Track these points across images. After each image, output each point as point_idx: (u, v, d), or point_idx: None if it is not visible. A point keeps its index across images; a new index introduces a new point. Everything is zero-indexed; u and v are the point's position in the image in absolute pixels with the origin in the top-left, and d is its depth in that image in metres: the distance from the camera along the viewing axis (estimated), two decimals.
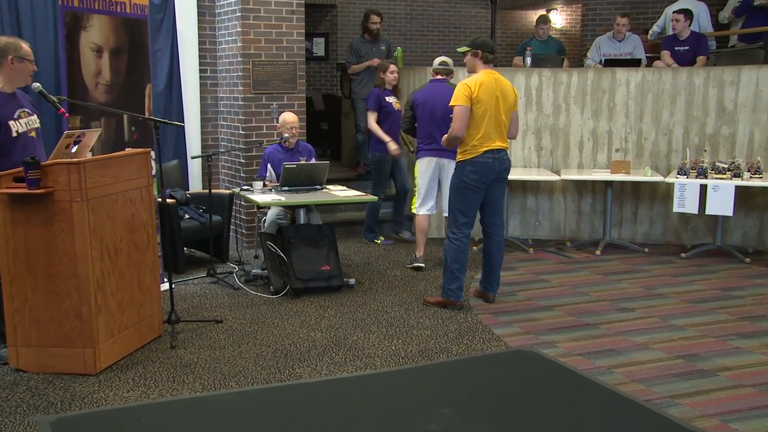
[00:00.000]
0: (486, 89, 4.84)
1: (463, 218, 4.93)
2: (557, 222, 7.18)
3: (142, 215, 4.24)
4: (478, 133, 4.85)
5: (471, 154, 4.87)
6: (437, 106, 6.02)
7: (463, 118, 4.81)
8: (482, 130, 4.84)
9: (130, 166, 4.17)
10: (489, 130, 4.86)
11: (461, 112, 4.82)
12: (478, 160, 4.85)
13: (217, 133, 7.21)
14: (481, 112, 4.84)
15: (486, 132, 4.85)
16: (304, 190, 5.61)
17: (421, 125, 6.07)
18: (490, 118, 4.86)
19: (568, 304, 5.18)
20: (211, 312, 4.96)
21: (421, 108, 6.06)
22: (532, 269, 6.11)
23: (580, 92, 6.96)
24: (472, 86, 4.83)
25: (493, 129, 4.88)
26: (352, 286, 5.53)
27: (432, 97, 6.07)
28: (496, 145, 4.88)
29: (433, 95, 6.08)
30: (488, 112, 4.85)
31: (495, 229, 5.06)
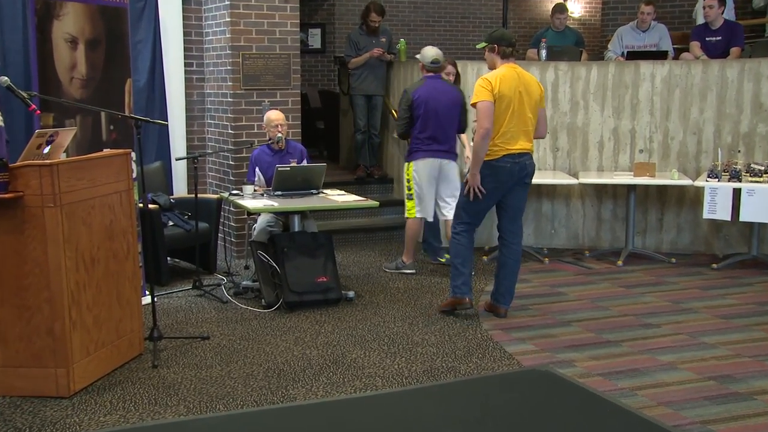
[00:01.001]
0: (508, 84, 4.84)
1: (467, 218, 5.03)
2: (575, 230, 7.16)
3: (121, 222, 4.23)
4: (498, 133, 4.85)
5: (489, 156, 4.86)
6: (441, 104, 6.05)
7: (488, 113, 4.79)
8: (503, 129, 4.85)
9: (108, 168, 4.16)
10: (512, 129, 4.87)
11: (486, 108, 4.79)
12: (496, 164, 4.86)
13: (204, 133, 7.21)
14: (502, 109, 4.83)
15: (508, 131, 4.85)
16: (298, 195, 5.60)
17: (423, 125, 6.07)
18: (513, 115, 4.86)
19: (588, 319, 5.17)
20: (197, 328, 4.95)
21: (424, 107, 6.05)
22: (547, 281, 6.10)
23: (600, 88, 6.96)
24: (493, 81, 4.84)
25: (516, 127, 4.88)
26: (351, 299, 5.52)
27: (435, 95, 6.07)
28: (518, 148, 4.89)
29: (435, 93, 6.08)
30: (511, 108, 4.85)
31: (511, 237, 5.06)
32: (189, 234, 5.99)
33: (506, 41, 4.96)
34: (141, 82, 6.53)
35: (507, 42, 4.96)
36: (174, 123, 6.89)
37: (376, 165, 8.02)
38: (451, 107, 6.10)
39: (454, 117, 6.10)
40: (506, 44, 4.96)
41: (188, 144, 7.09)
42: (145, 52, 6.56)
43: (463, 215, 5.04)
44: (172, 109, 6.86)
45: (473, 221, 5.05)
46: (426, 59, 6.16)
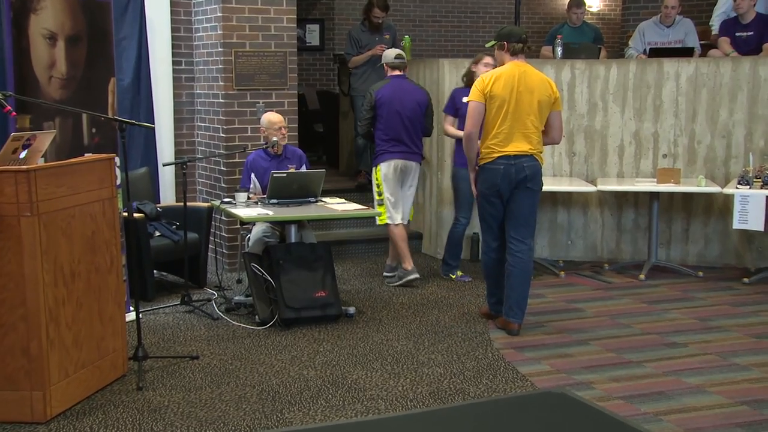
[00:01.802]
0: (504, 83, 4.92)
1: (486, 229, 5.22)
2: (593, 241, 7.15)
3: (104, 233, 4.23)
4: (491, 135, 4.96)
5: (484, 159, 5.02)
6: (405, 104, 6.24)
7: (473, 114, 4.95)
8: (495, 130, 4.94)
9: (90, 174, 4.16)
10: (505, 131, 4.94)
11: (472, 109, 4.97)
12: (490, 167, 4.98)
13: (194, 136, 7.21)
14: (495, 110, 4.94)
15: (500, 132, 4.94)
16: (295, 203, 5.60)
17: (386, 126, 6.24)
18: (508, 116, 4.93)
19: (607, 337, 5.15)
20: (186, 347, 4.94)
21: (387, 107, 6.22)
22: (563, 296, 6.09)
23: (621, 88, 6.96)
24: (487, 80, 4.95)
25: (513, 130, 4.94)
26: (352, 315, 5.51)
27: (398, 95, 6.25)
28: (514, 150, 4.95)
29: (399, 92, 6.26)
30: (505, 108, 4.92)
31: (517, 245, 5.09)
32: (177, 245, 5.99)
33: (515, 37, 5.03)
34: (125, 82, 6.53)
35: (516, 38, 5.03)
36: (161, 126, 6.90)
37: None
38: (414, 108, 6.29)
39: (418, 118, 6.30)
40: (516, 40, 5.03)
41: (176, 148, 7.10)
42: (130, 50, 6.57)
43: (482, 224, 5.23)
44: (159, 111, 6.87)
45: (492, 231, 5.17)
46: (388, 57, 6.41)
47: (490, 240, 5.19)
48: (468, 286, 6.28)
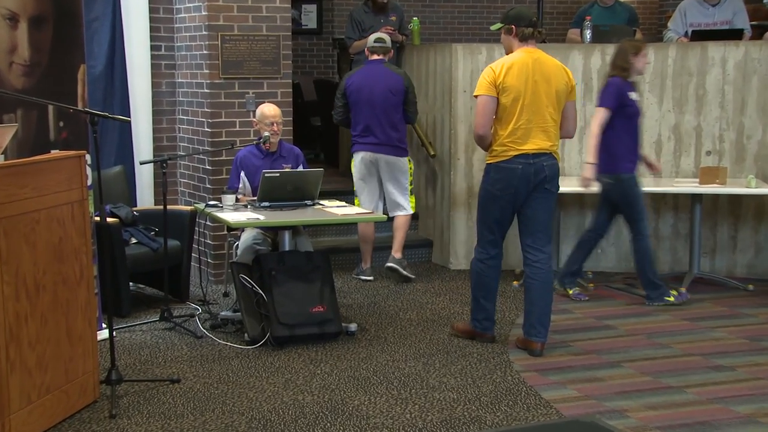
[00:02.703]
0: (518, 72, 4.94)
1: (488, 235, 5.16)
2: (626, 249, 7.11)
3: (73, 240, 4.22)
4: (507, 131, 4.97)
5: (497, 157, 5.01)
6: (375, 92, 6.55)
7: (485, 111, 4.97)
8: (512, 126, 4.96)
9: (57, 174, 4.15)
10: (523, 126, 4.96)
11: (483, 105, 4.97)
12: (505, 165, 4.99)
13: (175, 131, 7.21)
14: (510, 103, 4.95)
15: (518, 128, 4.96)
16: (289, 207, 5.59)
17: (356, 115, 6.66)
18: (526, 109, 4.95)
19: (643, 359, 5.13)
20: (166, 368, 4.93)
21: (355, 95, 6.58)
22: (592, 312, 6.07)
23: (658, 75, 6.94)
24: (498, 70, 4.95)
25: (531, 125, 4.97)
26: (353, 333, 5.50)
27: (368, 82, 6.57)
28: (533, 147, 4.98)
29: (370, 80, 6.58)
30: (522, 102, 4.94)
31: (534, 254, 5.11)
32: (156, 254, 5.98)
33: (525, 21, 5.05)
34: (97, 69, 6.54)
35: (526, 22, 5.05)
36: (138, 119, 6.90)
37: None
38: (387, 95, 6.56)
39: (393, 106, 6.57)
40: (525, 24, 5.05)
41: (155, 144, 7.09)
42: (103, 33, 6.58)
43: (482, 230, 5.18)
44: (135, 103, 6.87)
45: (495, 238, 5.15)
46: (369, 40, 6.73)
47: (489, 247, 5.17)
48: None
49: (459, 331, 5.44)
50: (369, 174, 6.72)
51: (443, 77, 7.17)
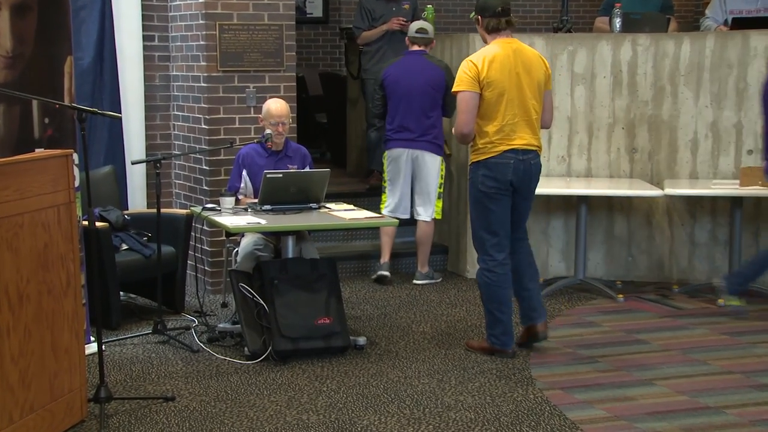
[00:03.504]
0: (500, 65, 5.07)
1: (491, 238, 5.23)
2: (659, 257, 7.10)
3: (59, 246, 4.22)
4: (494, 128, 5.10)
5: (485, 153, 5.14)
6: (413, 86, 6.70)
7: (468, 108, 5.09)
8: (499, 122, 5.09)
9: (41, 174, 4.16)
10: (511, 122, 5.11)
11: (465, 101, 5.09)
12: (495, 161, 5.11)
13: (169, 128, 7.22)
14: (495, 98, 5.08)
15: (506, 124, 5.10)
16: (293, 210, 5.59)
17: (392, 109, 6.77)
18: (511, 103, 5.10)
19: (677, 376, 5.11)
20: (159, 385, 4.93)
21: (392, 87, 6.74)
22: (622, 325, 6.06)
23: (695, 68, 6.92)
24: (479, 63, 5.06)
25: (517, 119, 5.12)
26: (362, 347, 5.50)
27: (407, 75, 6.73)
28: (522, 142, 5.15)
29: (408, 72, 6.73)
30: (507, 96, 5.08)
31: (520, 245, 5.38)
32: (149, 261, 5.98)
33: (490, 11, 5.16)
34: (85, 61, 6.55)
35: (491, 12, 5.15)
36: (129, 115, 6.92)
37: None
38: (426, 89, 6.71)
39: (431, 101, 6.73)
40: (490, 15, 5.15)
41: (148, 143, 7.11)
42: (91, 22, 6.59)
43: (484, 236, 5.24)
44: (126, 97, 6.88)
45: (499, 240, 5.22)
46: (411, 30, 6.87)
47: (495, 252, 5.22)
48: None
49: (475, 348, 5.45)
50: (400, 171, 6.87)
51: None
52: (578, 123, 7.03)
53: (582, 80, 6.99)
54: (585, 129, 7.03)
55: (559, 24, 7.54)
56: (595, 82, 6.99)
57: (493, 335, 5.30)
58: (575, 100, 7.01)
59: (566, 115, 7.01)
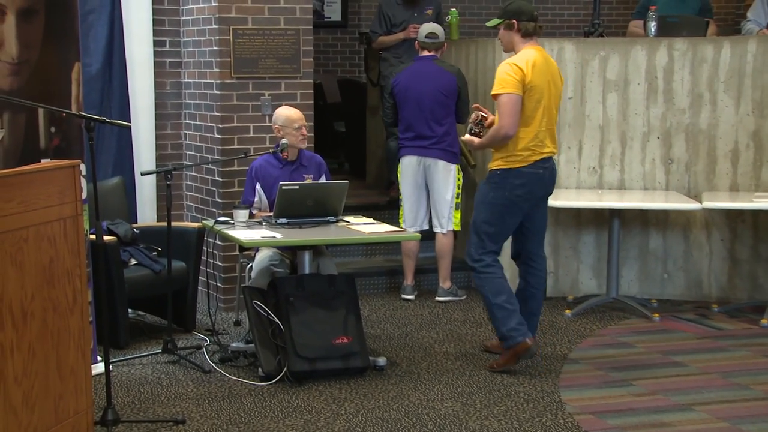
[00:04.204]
0: (540, 71, 5.29)
1: (493, 245, 5.47)
2: (697, 274, 7.07)
3: (65, 261, 4.24)
4: (530, 134, 5.30)
5: (518, 162, 5.33)
6: (424, 92, 6.80)
7: (514, 111, 5.24)
8: (535, 129, 5.30)
9: (47, 186, 4.17)
10: (543, 129, 5.35)
11: (512, 103, 5.24)
12: (528, 170, 5.33)
13: (181, 138, 7.25)
14: (533, 104, 5.29)
15: (540, 132, 5.32)
16: (310, 224, 5.60)
17: (403, 117, 6.96)
18: (546, 111, 5.33)
19: (717, 401, 5.08)
20: (169, 407, 4.94)
21: (402, 95, 6.84)
22: (657, 346, 6.03)
23: (735, 74, 6.90)
24: (525, 67, 5.24)
25: (545, 127, 5.35)
26: (383, 368, 5.50)
27: (417, 81, 6.83)
28: (547, 151, 5.41)
29: (418, 78, 6.83)
30: (543, 103, 5.29)
31: (538, 262, 5.60)
32: (158, 277, 6.00)
33: (527, 15, 5.39)
34: (94, 68, 6.58)
35: (528, 16, 5.38)
36: (139, 124, 6.94)
37: None
38: (438, 96, 6.80)
39: (443, 107, 6.82)
40: (527, 18, 5.38)
41: (159, 153, 7.13)
42: (100, 26, 6.62)
43: (487, 241, 5.44)
44: (136, 105, 6.91)
45: (498, 248, 5.49)
46: (420, 34, 7.00)
47: (490, 257, 5.45)
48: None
49: (500, 365, 5.45)
50: (415, 180, 6.95)
51: (485, 76, 7.15)
52: (611, 132, 7.01)
53: (615, 87, 6.98)
54: (618, 138, 7.01)
55: (590, 28, 7.53)
56: (629, 90, 6.97)
57: (513, 329, 5.34)
58: (607, 108, 7.00)
59: (598, 124, 7.00)
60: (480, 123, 5.52)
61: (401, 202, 7.06)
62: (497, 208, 5.37)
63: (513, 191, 5.33)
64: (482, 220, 5.42)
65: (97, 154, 5.84)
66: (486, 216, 5.40)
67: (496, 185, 5.36)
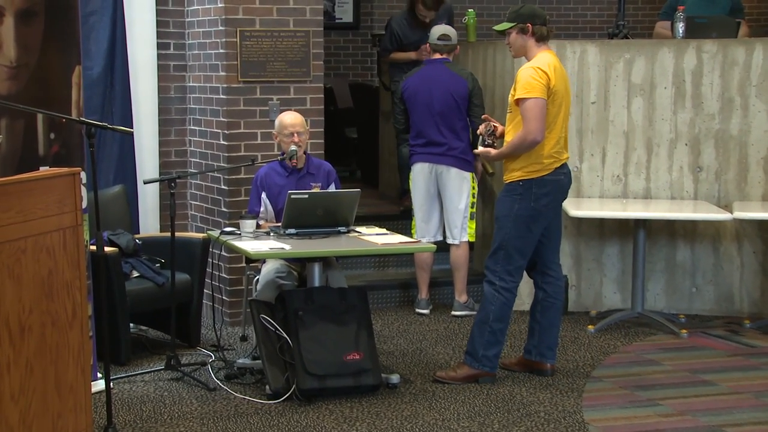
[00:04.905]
0: (560, 76, 5.41)
1: (520, 260, 5.53)
2: (728, 288, 7.05)
3: (64, 273, 4.25)
4: (552, 140, 5.41)
5: (540, 171, 5.43)
6: (434, 96, 6.83)
7: (541, 116, 5.33)
8: (557, 135, 5.43)
9: (46, 195, 4.18)
10: (563, 136, 5.51)
11: (539, 107, 5.32)
12: (551, 178, 5.46)
13: (185, 144, 7.26)
14: (555, 109, 5.41)
15: (561, 138, 5.46)
16: (319, 235, 5.61)
17: (414, 123, 7.01)
18: (565, 117, 5.48)
19: (750, 422, 5.06)
20: (172, 427, 4.94)
21: (412, 99, 6.88)
22: (686, 364, 6.01)
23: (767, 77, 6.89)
24: (548, 71, 5.33)
25: (563, 133, 5.51)
26: (396, 386, 5.49)
27: (427, 85, 6.87)
28: (565, 158, 5.55)
29: (429, 82, 6.87)
30: (563, 109, 5.43)
31: (557, 270, 5.72)
32: (161, 290, 6.01)
33: (541, 19, 5.48)
34: (95, 71, 6.60)
35: (542, 20, 5.48)
36: (142, 130, 6.97)
37: None
38: (449, 100, 6.82)
39: (455, 112, 6.83)
40: (541, 22, 5.45)
41: (162, 160, 7.15)
42: (101, 29, 6.64)
43: (515, 256, 5.50)
44: (139, 111, 6.93)
45: (525, 263, 5.55)
46: (432, 36, 7.04)
47: (517, 275, 5.54)
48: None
49: (455, 378, 5.56)
50: (427, 189, 6.96)
51: (503, 80, 7.16)
52: (636, 138, 7.00)
53: (640, 91, 6.97)
54: (643, 145, 7.00)
55: (614, 29, 7.52)
56: (655, 94, 6.96)
57: (487, 357, 5.50)
58: (632, 114, 6.99)
59: (622, 130, 6.99)
60: (492, 133, 5.57)
61: (413, 212, 7.08)
62: (523, 220, 5.41)
63: (538, 201, 5.39)
64: (510, 235, 5.44)
65: (98, 162, 5.88)
66: (512, 230, 5.43)
67: (520, 197, 5.40)
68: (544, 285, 5.67)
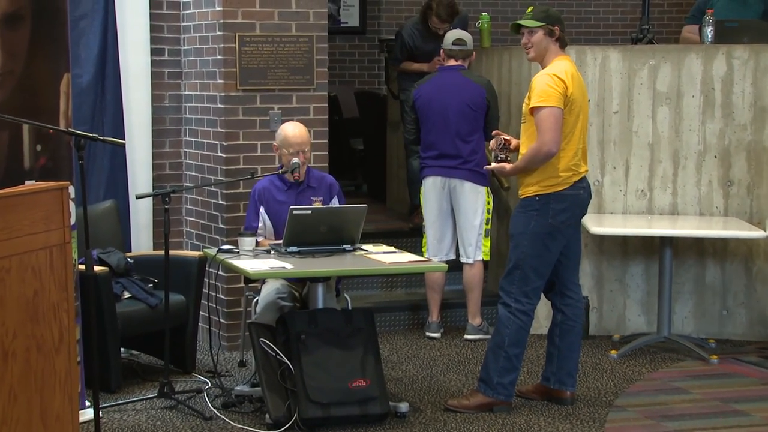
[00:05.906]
0: (578, 84, 5.42)
1: (538, 280, 5.52)
2: (761, 311, 7.04)
3: (51, 294, 4.25)
4: (570, 152, 5.41)
5: (557, 185, 5.42)
6: (449, 106, 6.80)
7: (557, 126, 5.33)
8: (575, 146, 5.43)
9: (32, 211, 4.19)
10: (581, 147, 5.50)
11: (556, 117, 5.33)
12: (569, 193, 5.45)
13: (180, 157, 7.28)
14: (573, 119, 5.41)
15: (579, 150, 5.46)
16: (323, 253, 5.61)
17: (426, 133, 6.89)
18: (583, 127, 5.48)
19: None
20: None
21: (425, 108, 6.86)
22: (716, 393, 6.00)
23: None
24: (566, 78, 5.34)
25: (582, 144, 5.50)
26: (404, 414, 5.49)
27: (441, 93, 6.84)
28: (584, 171, 5.56)
29: (443, 90, 6.85)
30: (581, 119, 5.44)
31: (576, 291, 5.73)
32: (155, 312, 6.01)
33: (563, 24, 5.51)
34: (85, 79, 6.62)
35: (563, 25, 5.50)
36: (134, 141, 6.98)
37: None
38: (464, 110, 6.81)
39: (470, 121, 6.84)
40: (563, 28, 5.48)
41: (156, 174, 7.16)
42: (92, 34, 6.66)
43: (532, 277, 5.49)
44: (131, 121, 6.95)
45: (543, 283, 5.55)
46: (446, 41, 7.03)
47: (535, 296, 5.54)
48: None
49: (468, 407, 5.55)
50: (440, 205, 6.96)
51: (519, 87, 7.16)
52: (661, 151, 7.00)
53: (666, 100, 6.98)
54: (670, 158, 7.00)
55: (638, 34, 7.53)
56: (682, 103, 6.97)
57: (502, 385, 5.48)
58: (658, 124, 6.99)
59: (647, 142, 6.99)
60: (505, 147, 5.55)
61: (424, 229, 7.06)
62: (540, 237, 5.41)
63: (556, 217, 5.39)
64: (526, 254, 5.43)
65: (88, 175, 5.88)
66: (529, 248, 5.42)
67: (537, 213, 5.40)
68: (562, 307, 5.65)
